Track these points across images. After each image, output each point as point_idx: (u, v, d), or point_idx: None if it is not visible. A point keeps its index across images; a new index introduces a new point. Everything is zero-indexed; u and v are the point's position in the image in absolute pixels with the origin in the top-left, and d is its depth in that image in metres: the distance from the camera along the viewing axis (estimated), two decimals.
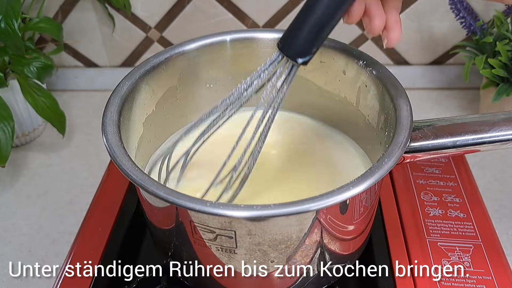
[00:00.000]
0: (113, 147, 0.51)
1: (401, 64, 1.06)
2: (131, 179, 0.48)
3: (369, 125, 0.63)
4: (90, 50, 1.07)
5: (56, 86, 1.10)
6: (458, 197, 0.72)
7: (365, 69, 0.60)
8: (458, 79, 1.05)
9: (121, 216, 0.71)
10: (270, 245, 0.51)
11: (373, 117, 0.62)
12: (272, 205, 0.45)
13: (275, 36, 0.66)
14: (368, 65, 0.60)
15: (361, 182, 0.47)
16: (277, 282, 0.56)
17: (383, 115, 0.58)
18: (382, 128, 0.58)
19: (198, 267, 0.56)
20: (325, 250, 0.55)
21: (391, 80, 0.58)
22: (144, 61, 0.63)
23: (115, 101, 0.57)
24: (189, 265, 0.57)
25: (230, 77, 0.69)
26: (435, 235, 0.67)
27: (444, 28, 1.00)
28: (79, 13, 1.02)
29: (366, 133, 0.64)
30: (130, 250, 0.69)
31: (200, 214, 0.49)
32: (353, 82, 0.63)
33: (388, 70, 0.59)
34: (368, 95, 0.61)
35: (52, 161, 0.93)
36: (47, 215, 0.82)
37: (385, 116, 0.57)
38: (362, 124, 0.64)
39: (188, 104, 0.68)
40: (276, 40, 0.51)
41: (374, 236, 0.67)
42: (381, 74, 0.59)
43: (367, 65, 0.60)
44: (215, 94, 0.69)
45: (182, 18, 1.01)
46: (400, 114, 0.54)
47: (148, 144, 0.65)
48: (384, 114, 0.58)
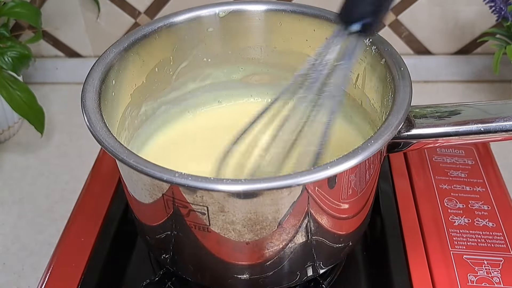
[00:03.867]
0: (90, 113, 0.54)
1: (422, 53, 1.06)
2: (103, 146, 0.51)
3: (374, 109, 0.64)
4: (72, 38, 1.08)
5: (34, 79, 1.11)
6: (486, 204, 0.72)
7: (371, 47, 0.62)
8: (486, 71, 1.05)
9: (106, 225, 0.71)
10: (244, 225, 0.52)
11: (376, 100, 0.63)
12: (243, 180, 0.48)
13: (270, 8, 0.68)
14: (373, 43, 0.62)
15: (332, 166, 0.48)
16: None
17: (386, 98, 0.59)
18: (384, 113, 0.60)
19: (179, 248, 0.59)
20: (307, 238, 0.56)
21: (395, 59, 0.60)
22: (134, 29, 0.65)
23: (98, 68, 0.59)
24: (169, 247, 0.60)
25: (229, 52, 0.71)
26: (460, 246, 0.67)
27: (471, 13, 1.00)
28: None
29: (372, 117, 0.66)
30: (116, 263, 0.69)
31: (173, 187, 0.51)
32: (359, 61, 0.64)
33: (394, 49, 0.61)
34: (373, 76, 0.63)
35: (29, 163, 0.94)
36: (23, 224, 0.83)
37: (386, 99, 0.59)
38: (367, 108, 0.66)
39: (184, 78, 0.71)
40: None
41: (391, 247, 0.67)
42: (386, 53, 0.60)
43: (372, 43, 0.62)
44: (214, 68, 0.72)
45: (176, 1, 1.01)
46: (397, 95, 0.55)
47: (136, 117, 0.68)
48: (386, 97, 0.59)
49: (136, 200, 0.58)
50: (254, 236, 0.54)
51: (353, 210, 0.58)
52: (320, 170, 0.47)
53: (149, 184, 0.53)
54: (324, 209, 0.54)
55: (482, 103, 0.60)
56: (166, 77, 0.69)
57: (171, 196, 0.52)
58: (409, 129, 0.56)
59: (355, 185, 0.55)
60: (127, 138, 0.66)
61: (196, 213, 0.52)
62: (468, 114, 0.57)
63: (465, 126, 0.56)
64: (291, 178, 0.47)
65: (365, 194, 0.58)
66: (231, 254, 0.57)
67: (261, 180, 0.47)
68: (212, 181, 0.48)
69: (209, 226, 0.53)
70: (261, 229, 0.53)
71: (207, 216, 0.52)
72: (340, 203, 0.55)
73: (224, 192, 0.49)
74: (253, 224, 0.52)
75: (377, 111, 0.63)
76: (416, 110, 0.58)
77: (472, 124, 0.56)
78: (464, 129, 0.56)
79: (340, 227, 0.59)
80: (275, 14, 0.68)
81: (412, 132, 0.56)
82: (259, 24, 0.69)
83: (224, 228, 0.53)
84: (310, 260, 0.59)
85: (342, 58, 0.54)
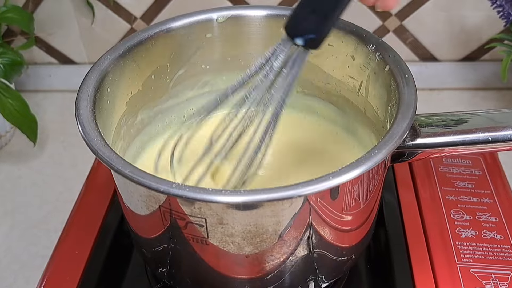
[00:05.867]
0: (84, 122, 0.54)
1: (428, 60, 1.06)
2: (97, 156, 0.51)
3: (378, 118, 0.64)
4: (66, 44, 1.08)
5: (27, 86, 1.11)
6: (494, 215, 0.72)
7: (375, 54, 0.62)
8: (494, 78, 1.05)
9: (101, 237, 0.71)
10: (244, 237, 0.52)
11: (380, 109, 0.64)
12: (242, 191, 0.48)
13: (271, 13, 0.69)
14: (377, 49, 0.62)
15: (334, 176, 0.48)
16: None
17: (390, 106, 0.59)
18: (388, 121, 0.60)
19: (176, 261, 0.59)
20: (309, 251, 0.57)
21: (400, 66, 0.60)
22: (130, 35, 0.65)
23: (93, 75, 0.60)
24: (166, 261, 0.60)
25: (228, 58, 0.72)
26: (467, 260, 0.67)
27: (478, 18, 1.00)
28: (53, 1, 1.02)
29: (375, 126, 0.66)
30: (112, 277, 0.69)
31: (170, 198, 0.51)
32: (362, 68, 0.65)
33: (398, 55, 0.61)
34: (377, 84, 0.63)
35: (21, 173, 0.94)
36: (16, 235, 0.83)
37: (391, 107, 0.59)
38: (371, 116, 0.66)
39: (181, 86, 0.72)
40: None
41: (396, 260, 0.68)
42: (390, 59, 0.61)
43: (376, 49, 0.62)
44: (212, 75, 0.72)
45: (173, 7, 1.01)
46: (402, 103, 0.55)
47: (132, 126, 0.68)
48: (391, 105, 0.59)
49: (132, 212, 0.58)
50: (254, 249, 0.54)
51: (356, 222, 0.58)
52: (322, 180, 0.47)
53: (146, 195, 0.53)
54: (326, 221, 0.54)
55: (490, 112, 0.59)
56: (163, 84, 0.69)
57: (168, 207, 0.52)
58: (414, 138, 0.56)
59: (359, 196, 0.55)
60: (123, 147, 0.66)
61: (194, 225, 0.52)
62: (475, 123, 0.57)
63: (472, 135, 0.56)
64: (292, 189, 0.47)
65: (368, 205, 0.58)
66: (230, 268, 0.57)
67: (261, 191, 0.48)
68: (210, 192, 0.47)
69: (208, 238, 0.53)
70: (261, 242, 0.53)
71: (205, 229, 0.52)
72: (343, 215, 0.55)
73: (223, 204, 0.49)
74: (253, 236, 0.52)
75: (381, 119, 0.63)
76: (422, 118, 0.58)
77: (480, 133, 0.56)
78: (471, 138, 0.56)
79: (343, 239, 0.59)
80: (276, 20, 0.68)
81: (417, 142, 0.56)
82: (259, 30, 0.69)
83: (223, 240, 0.53)
84: (311, 274, 0.59)
85: (285, 66, 0.55)
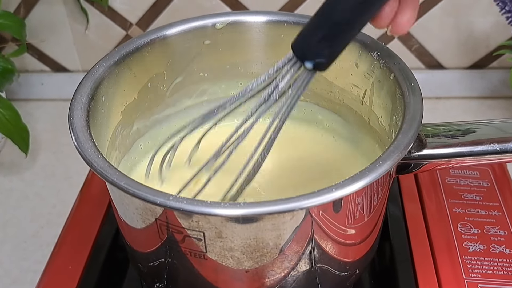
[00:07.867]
0: (78, 132, 0.54)
1: (434, 67, 1.07)
2: (91, 167, 0.51)
3: (382, 128, 0.64)
4: (59, 51, 1.08)
5: (18, 95, 1.11)
6: (503, 229, 0.72)
7: (379, 61, 0.62)
8: (503, 86, 1.06)
9: (95, 251, 0.71)
10: (243, 251, 0.52)
11: (385, 118, 0.64)
12: (241, 204, 0.48)
13: (271, 19, 0.69)
14: (382, 57, 0.62)
15: (337, 188, 0.48)
16: None
17: (395, 115, 0.59)
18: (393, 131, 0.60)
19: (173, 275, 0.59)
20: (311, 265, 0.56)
21: (405, 73, 0.60)
22: (126, 42, 0.65)
23: (87, 84, 0.60)
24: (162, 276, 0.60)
25: (227, 66, 0.72)
26: (475, 275, 0.67)
27: (486, 24, 1.01)
28: (46, 7, 1.03)
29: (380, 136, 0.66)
30: None
31: (167, 211, 0.51)
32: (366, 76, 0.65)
33: (403, 63, 0.61)
34: (381, 92, 0.63)
35: (13, 185, 0.94)
36: (7, 250, 0.83)
37: (396, 116, 0.59)
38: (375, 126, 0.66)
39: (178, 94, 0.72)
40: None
41: (401, 275, 0.67)
42: (395, 67, 0.61)
43: (381, 56, 0.62)
44: (211, 83, 0.73)
45: (170, 13, 1.02)
46: (408, 113, 0.55)
47: (127, 136, 0.68)
48: (396, 114, 0.59)
49: (127, 225, 0.58)
50: (254, 263, 0.54)
51: (360, 235, 0.58)
52: (324, 193, 0.47)
53: (142, 208, 0.53)
54: (329, 234, 0.54)
55: (498, 121, 0.59)
56: (160, 93, 0.69)
57: (165, 220, 0.52)
58: (420, 149, 0.56)
59: (362, 209, 0.55)
60: (118, 158, 0.66)
61: (192, 239, 0.52)
62: (483, 133, 0.57)
63: (480, 146, 0.56)
64: (294, 201, 0.47)
65: (373, 218, 0.58)
66: (229, 283, 0.57)
67: (261, 204, 0.48)
68: (209, 204, 0.47)
69: (206, 253, 0.53)
70: (261, 256, 0.53)
71: (204, 242, 0.52)
72: (346, 228, 0.55)
73: (221, 217, 0.49)
74: (252, 250, 0.52)
75: (386, 129, 0.63)
76: (428, 128, 0.58)
77: (488, 144, 0.56)
78: (479, 149, 0.56)
79: (346, 254, 0.59)
80: (276, 26, 0.68)
81: (423, 152, 0.56)
82: (259, 37, 0.69)
83: (221, 255, 0.53)
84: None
85: (290, 86, 0.54)
